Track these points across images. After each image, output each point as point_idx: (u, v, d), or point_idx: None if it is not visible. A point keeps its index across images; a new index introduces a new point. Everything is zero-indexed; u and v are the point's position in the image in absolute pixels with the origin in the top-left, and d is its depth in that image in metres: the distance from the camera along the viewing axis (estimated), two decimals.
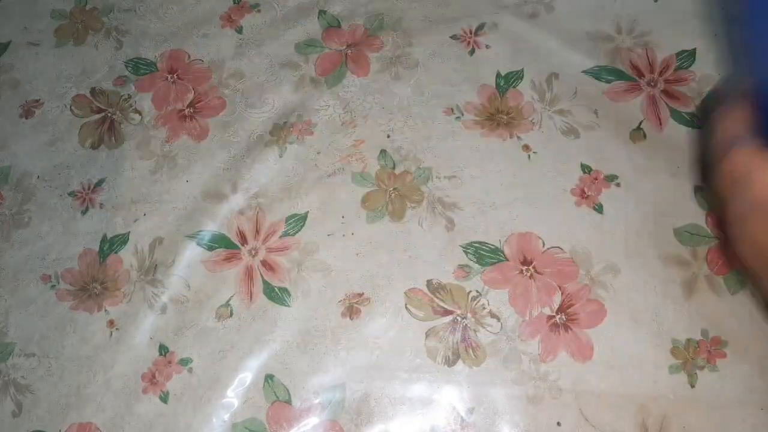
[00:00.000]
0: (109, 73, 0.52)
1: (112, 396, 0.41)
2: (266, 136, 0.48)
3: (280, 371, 0.41)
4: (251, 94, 0.49)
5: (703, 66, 0.47)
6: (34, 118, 0.51)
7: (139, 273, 0.44)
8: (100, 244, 0.45)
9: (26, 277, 0.45)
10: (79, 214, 0.47)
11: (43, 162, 0.49)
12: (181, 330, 0.42)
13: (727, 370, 0.39)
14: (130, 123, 0.50)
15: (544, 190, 0.44)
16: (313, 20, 0.52)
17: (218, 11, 0.53)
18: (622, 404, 0.39)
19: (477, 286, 0.42)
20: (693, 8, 0.49)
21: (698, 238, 0.42)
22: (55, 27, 0.54)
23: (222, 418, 0.40)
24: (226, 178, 0.47)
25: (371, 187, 0.45)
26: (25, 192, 0.48)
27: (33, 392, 0.42)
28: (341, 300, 0.42)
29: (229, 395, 0.41)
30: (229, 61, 0.51)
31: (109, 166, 0.48)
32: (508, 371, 0.40)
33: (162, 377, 0.41)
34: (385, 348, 0.41)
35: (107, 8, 0.54)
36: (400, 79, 0.49)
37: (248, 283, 0.43)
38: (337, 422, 0.39)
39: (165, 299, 0.43)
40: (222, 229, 0.45)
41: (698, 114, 0.45)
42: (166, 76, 0.51)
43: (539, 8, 0.50)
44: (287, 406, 0.40)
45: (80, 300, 0.44)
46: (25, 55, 0.53)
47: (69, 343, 0.43)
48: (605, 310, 0.40)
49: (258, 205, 0.45)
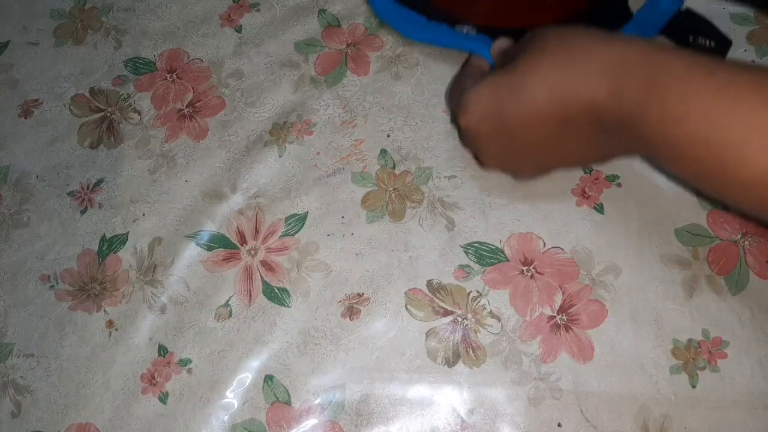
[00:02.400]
0: (108, 72, 0.51)
1: (111, 396, 0.41)
2: (266, 136, 0.48)
3: (279, 372, 0.41)
4: (251, 93, 0.49)
5: None
6: (32, 118, 0.50)
7: (138, 273, 0.44)
8: (99, 244, 0.45)
9: (25, 277, 0.45)
10: (78, 214, 0.47)
11: (42, 162, 0.49)
12: (181, 330, 0.42)
13: (728, 370, 0.38)
14: (129, 122, 0.49)
15: (545, 190, 0.44)
16: (313, 19, 0.52)
17: (218, 10, 0.53)
18: (623, 405, 0.38)
19: (477, 286, 0.42)
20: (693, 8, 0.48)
21: (699, 238, 0.42)
22: (54, 26, 0.54)
23: (221, 418, 0.40)
24: (225, 177, 0.47)
25: (371, 186, 0.45)
26: (24, 192, 0.48)
27: (32, 392, 0.42)
28: (341, 300, 0.42)
29: (228, 396, 0.40)
30: (228, 60, 0.51)
31: (108, 165, 0.48)
32: (508, 372, 0.40)
33: (161, 378, 0.41)
34: (385, 349, 0.41)
35: (106, 8, 0.54)
36: (401, 79, 0.48)
37: (248, 283, 0.43)
38: (337, 423, 0.39)
39: (164, 299, 0.43)
40: (221, 229, 0.45)
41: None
42: (165, 76, 0.51)
43: None
44: (287, 406, 0.40)
45: (79, 300, 0.44)
46: (23, 55, 0.53)
47: (68, 344, 0.43)
48: (606, 311, 0.40)
49: (257, 205, 0.45)
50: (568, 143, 0.36)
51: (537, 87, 0.34)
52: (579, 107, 0.33)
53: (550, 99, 0.34)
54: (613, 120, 0.32)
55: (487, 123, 0.37)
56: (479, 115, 0.37)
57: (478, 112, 0.37)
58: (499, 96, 0.36)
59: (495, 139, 0.38)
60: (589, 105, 0.33)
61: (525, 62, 0.35)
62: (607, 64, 0.32)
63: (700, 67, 0.29)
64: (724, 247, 0.41)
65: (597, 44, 0.33)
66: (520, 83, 0.35)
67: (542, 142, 0.36)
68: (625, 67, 0.31)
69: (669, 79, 0.30)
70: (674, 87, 0.29)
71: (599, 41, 0.33)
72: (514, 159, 0.40)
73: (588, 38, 0.34)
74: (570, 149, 0.37)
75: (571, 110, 0.34)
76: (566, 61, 0.33)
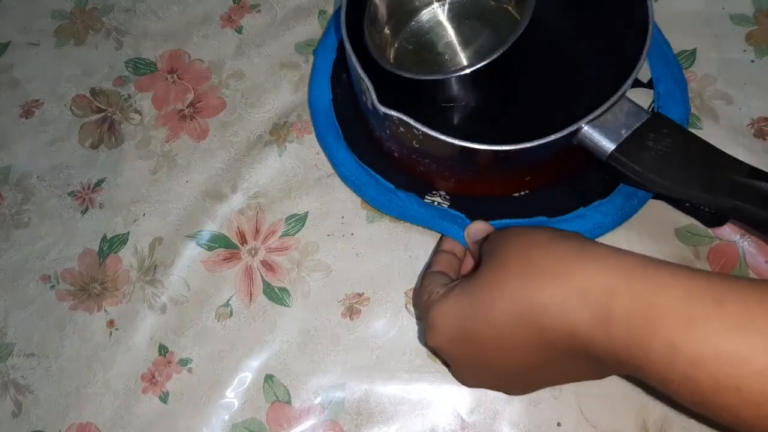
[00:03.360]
0: (109, 73, 0.52)
1: (112, 396, 0.41)
2: (266, 136, 0.48)
3: (280, 371, 0.41)
4: (251, 94, 0.49)
5: (703, 66, 0.47)
6: (33, 118, 0.51)
7: (139, 273, 0.44)
8: (99, 244, 0.45)
9: (26, 277, 0.45)
10: (78, 214, 0.47)
11: (43, 162, 0.49)
12: (181, 330, 0.42)
13: None
14: (130, 123, 0.49)
15: None
16: (313, 20, 0.52)
17: (218, 11, 0.53)
18: (623, 405, 0.38)
19: None
20: (693, 8, 0.49)
21: (699, 238, 0.42)
22: (55, 27, 0.54)
23: (222, 418, 0.40)
24: (225, 178, 0.47)
25: None
26: (25, 192, 0.48)
27: (32, 392, 0.42)
28: (341, 300, 0.42)
29: (228, 395, 0.41)
30: (229, 61, 0.51)
31: (108, 166, 0.48)
32: None
33: (162, 377, 0.41)
34: (385, 348, 0.41)
35: (107, 8, 0.54)
36: None
37: (248, 283, 0.43)
38: (337, 422, 0.39)
39: (165, 299, 0.43)
40: (222, 229, 0.45)
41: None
42: (166, 76, 0.51)
43: None
44: (287, 406, 0.40)
45: (80, 300, 0.44)
46: (24, 55, 0.53)
47: (68, 343, 0.43)
48: None
49: (258, 204, 0.45)
50: (555, 367, 0.30)
51: (504, 308, 0.29)
52: (558, 335, 0.28)
53: (521, 323, 0.28)
54: (606, 353, 0.27)
55: (457, 345, 0.32)
56: (448, 336, 0.32)
57: (446, 334, 0.32)
58: (466, 315, 0.31)
59: (469, 361, 0.33)
60: (571, 334, 0.27)
61: (489, 274, 0.30)
62: (585, 289, 0.27)
63: (704, 295, 0.24)
64: (724, 248, 0.41)
65: (568, 262, 0.28)
66: (486, 302, 0.30)
67: (524, 366, 0.31)
68: (610, 295, 0.26)
69: (669, 312, 0.25)
70: (678, 323, 0.24)
71: (570, 257, 0.28)
72: (495, 380, 0.34)
73: (555, 252, 0.29)
74: (559, 372, 0.31)
75: (548, 337, 0.28)
76: (534, 282, 0.28)
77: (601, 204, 0.40)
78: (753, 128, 0.44)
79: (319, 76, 0.46)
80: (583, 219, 0.40)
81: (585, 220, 0.40)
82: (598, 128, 0.35)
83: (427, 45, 0.45)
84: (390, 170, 0.42)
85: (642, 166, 0.34)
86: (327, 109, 0.45)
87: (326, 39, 0.47)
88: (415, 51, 0.45)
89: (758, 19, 0.48)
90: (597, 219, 0.40)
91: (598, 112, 0.34)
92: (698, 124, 0.45)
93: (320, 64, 0.46)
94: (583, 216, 0.40)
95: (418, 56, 0.45)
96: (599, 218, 0.40)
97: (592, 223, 0.40)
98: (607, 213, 0.40)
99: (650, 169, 0.34)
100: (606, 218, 0.40)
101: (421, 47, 0.45)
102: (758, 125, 0.44)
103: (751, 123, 0.44)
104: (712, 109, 0.45)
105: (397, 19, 0.45)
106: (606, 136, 0.35)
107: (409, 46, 0.45)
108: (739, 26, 0.48)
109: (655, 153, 0.34)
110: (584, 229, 0.40)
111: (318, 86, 0.46)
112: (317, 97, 0.46)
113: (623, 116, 0.35)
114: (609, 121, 0.35)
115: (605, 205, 0.40)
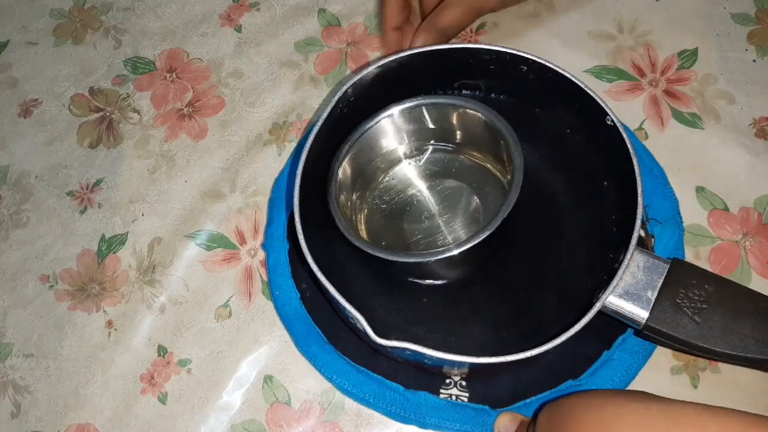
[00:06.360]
0: (107, 72, 0.51)
1: (111, 397, 0.41)
2: (265, 135, 0.48)
3: (279, 372, 0.41)
4: (250, 93, 0.49)
5: (704, 66, 0.46)
6: (32, 118, 0.50)
7: (138, 273, 0.44)
8: (98, 244, 0.45)
9: (24, 277, 0.45)
10: (77, 214, 0.46)
11: (42, 161, 0.49)
12: (180, 330, 0.42)
13: (729, 371, 0.38)
14: (129, 122, 0.49)
15: None
16: (313, 19, 0.51)
17: (217, 10, 0.53)
18: None
19: None
20: (695, 7, 0.48)
21: (700, 238, 0.42)
22: (53, 26, 0.54)
23: (221, 419, 0.40)
24: (224, 177, 0.46)
25: None
26: (24, 192, 0.48)
27: (31, 393, 0.42)
28: None
29: (227, 396, 0.40)
30: (228, 60, 0.51)
31: (107, 165, 0.48)
32: None
33: (160, 378, 0.41)
34: None
35: (106, 7, 0.54)
36: None
37: (247, 283, 0.43)
38: (336, 424, 0.39)
39: (163, 299, 0.43)
40: (221, 229, 0.45)
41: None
42: (164, 75, 0.51)
43: (540, 8, 0.50)
44: (286, 407, 0.40)
45: (78, 300, 0.44)
46: (23, 54, 0.53)
47: (67, 344, 0.43)
48: None
49: (256, 204, 0.45)
50: None
51: None
52: None
53: None
54: None
55: None
56: None
57: None
58: None
59: None
60: None
61: None
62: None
63: None
64: (726, 248, 0.41)
65: None
66: None
67: None
68: None
69: None
70: None
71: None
72: None
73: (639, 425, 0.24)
74: None
75: None
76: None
77: (624, 340, 0.36)
78: (755, 128, 0.44)
79: (277, 277, 0.41)
80: (611, 367, 0.36)
81: (614, 368, 0.36)
82: (623, 297, 0.32)
83: (400, 205, 0.40)
84: (392, 365, 0.38)
85: (685, 334, 0.32)
86: (298, 314, 0.40)
87: (270, 229, 0.42)
88: (390, 214, 0.40)
89: (760, 19, 0.48)
90: (626, 361, 0.36)
91: (618, 277, 0.32)
92: (700, 124, 0.44)
93: (274, 263, 0.41)
94: (610, 362, 0.36)
95: (392, 221, 0.40)
96: (628, 360, 0.36)
97: (622, 368, 0.36)
98: (633, 350, 0.36)
99: (696, 336, 0.31)
100: (636, 357, 0.36)
101: (394, 209, 0.41)
102: (760, 125, 0.44)
103: (753, 123, 0.44)
104: (713, 109, 0.45)
105: (368, 178, 0.41)
106: (634, 302, 0.32)
107: (382, 205, 0.41)
108: (741, 25, 0.47)
109: (693, 311, 0.32)
110: (618, 378, 0.35)
111: (279, 288, 0.40)
112: (283, 302, 0.40)
113: (641, 273, 0.33)
114: (630, 285, 0.33)
115: (629, 341, 0.36)
